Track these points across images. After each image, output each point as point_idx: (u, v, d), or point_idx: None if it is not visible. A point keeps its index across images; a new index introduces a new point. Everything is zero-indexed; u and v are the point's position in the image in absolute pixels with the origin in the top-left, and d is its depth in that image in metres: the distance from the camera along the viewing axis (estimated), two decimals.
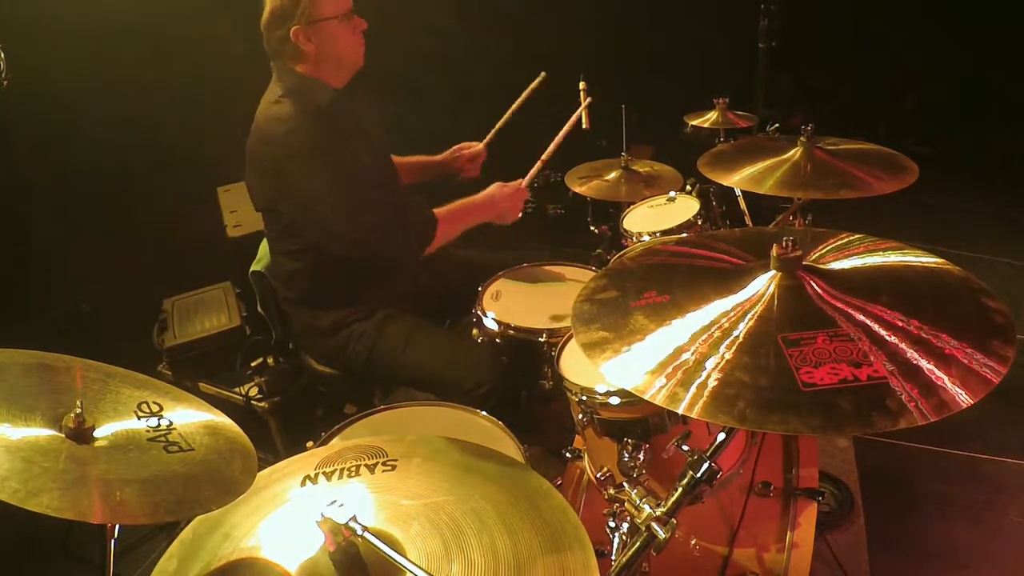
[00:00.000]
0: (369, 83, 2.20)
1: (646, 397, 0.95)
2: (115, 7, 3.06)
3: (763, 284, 1.08)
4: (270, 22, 2.01)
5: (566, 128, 2.51)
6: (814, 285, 1.06)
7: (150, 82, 3.16)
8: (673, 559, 1.59)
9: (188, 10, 3.23)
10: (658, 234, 2.34)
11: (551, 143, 2.46)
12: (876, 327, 0.97)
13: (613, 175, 2.69)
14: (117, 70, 3.05)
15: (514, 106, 2.69)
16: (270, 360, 2.67)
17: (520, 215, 2.32)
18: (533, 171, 2.40)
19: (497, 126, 2.69)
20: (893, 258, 1.17)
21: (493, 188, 2.29)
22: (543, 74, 2.66)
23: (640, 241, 2.35)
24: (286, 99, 2.01)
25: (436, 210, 2.15)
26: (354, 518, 0.94)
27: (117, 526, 1.07)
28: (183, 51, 3.22)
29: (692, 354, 0.98)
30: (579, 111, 2.55)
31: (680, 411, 0.91)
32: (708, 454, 1.14)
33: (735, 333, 1.00)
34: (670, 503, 1.12)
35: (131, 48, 3.10)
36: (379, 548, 0.94)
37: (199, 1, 3.26)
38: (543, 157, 2.42)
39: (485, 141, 2.67)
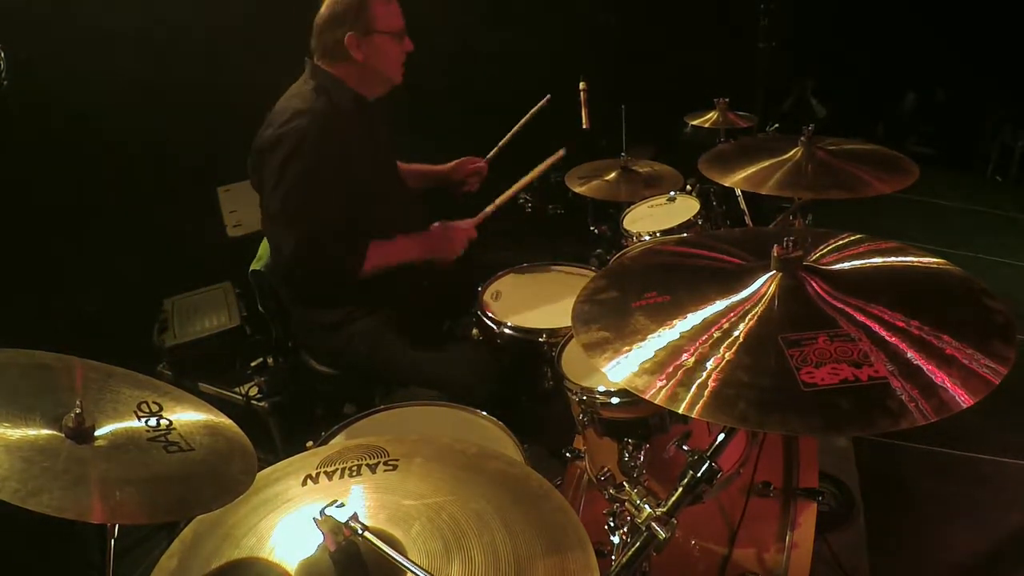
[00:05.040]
0: None
1: (646, 397, 0.95)
2: (116, 9, 3.06)
3: (763, 284, 1.08)
4: (328, 22, 2.06)
5: (532, 174, 2.46)
6: (815, 285, 1.06)
7: (151, 82, 3.16)
8: (673, 559, 1.59)
9: (190, 12, 3.23)
10: (658, 234, 2.34)
11: (515, 183, 2.42)
12: (877, 327, 0.97)
13: (613, 175, 2.69)
14: (117, 70, 3.05)
15: (517, 126, 2.67)
16: (270, 360, 2.67)
17: (460, 253, 2.26)
18: (485, 212, 2.36)
19: (500, 144, 2.68)
20: (893, 258, 1.17)
21: (436, 225, 2.27)
22: (547, 96, 2.65)
23: (640, 241, 2.35)
24: (313, 94, 2.04)
25: (374, 242, 2.10)
26: (354, 517, 0.94)
27: (117, 526, 1.07)
28: (184, 52, 3.22)
29: (693, 354, 0.98)
30: (549, 161, 2.50)
31: (680, 411, 0.91)
32: (708, 454, 1.14)
33: (735, 333, 1.00)
34: (670, 503, 1.12)
35: (132, 49, 3.10)
36: (380, 548, 0.94)
37: (201, 3, 3.26)
38: (497, 201, 2.38)
39: (487, 158, 2.66)
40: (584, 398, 1.52)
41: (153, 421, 1.12)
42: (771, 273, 1.09)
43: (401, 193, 2.36)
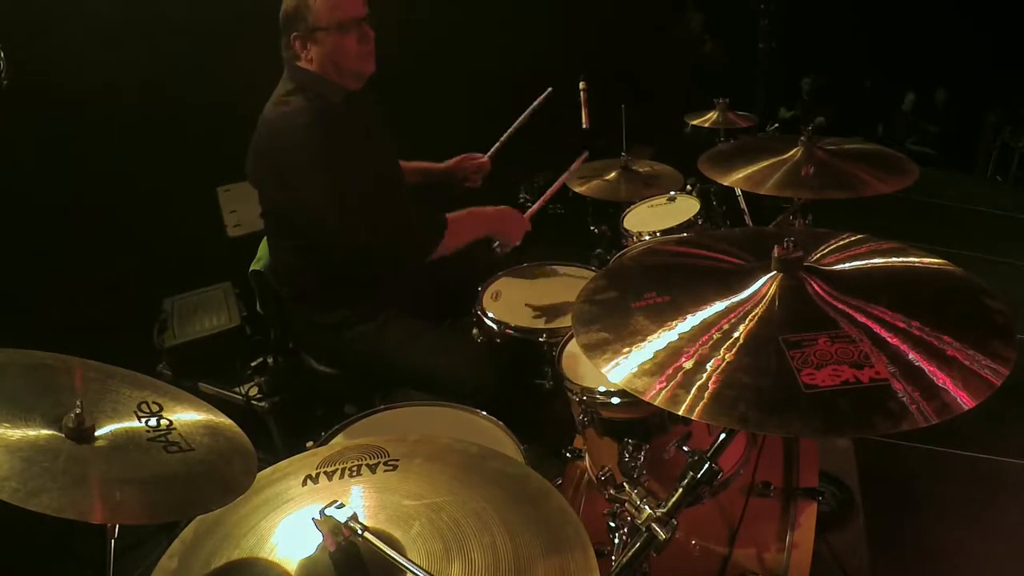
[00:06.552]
0: (370, 84, 2.20)
1: (646, 399, 0.94)
2: (115, 7, 3.06)
3: (764, 285, 1.07)
4: (281, 24, 2.04)
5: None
6: (815, 286, 1.06)
7: (151, 82, 3.16)
8: (673, 559, 1.58)
9: (189, 10, 3.23)
10: (658, 234, 2.34)
11: (555, 181, 2.49)
12: (877, 328, 0.97)
13: (613, 175, 2.68)
14: (117, 70, 3.05)
15: (518, 121, 2.68)
16: (270, 360, 2.67)
17: (519, 243, 2.32)
18: (536, 206, 2.41)
19: (501, 140, 2.69)
20: (894, 259, 1.17)
21: (507, 208, 2.30)
22: (549, 90, 2.66)
23: (640, 241, 2.35)
24: (295, 96, 2.01)
25: (448, 215, 2.14)
26: (354, 518, 0.94)
27: (117, 526, 1.07)
28: (184, 51, 3.22)
29: (693, 355, 0.98)
30: (576, 164, 2.57)
31: (680, 413, 0.91)
32: (709, 455, 1.14)
33: (735, 334, 1.00)
34: (670, 504, 1.12)
35: (132, 49, 3.10)
36: (379, 548, 0.94)
37: (201, 2, 3.26)
38: (545, 196, 2.45)
39: (489, 154, 2.66)
40: (584, 398, 1.52)
41: (153, 421, 1.12)
42: (771, 274, 1.08)
43: (403, 190, 2.36)
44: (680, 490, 1.13)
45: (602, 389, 1.50)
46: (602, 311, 1.14)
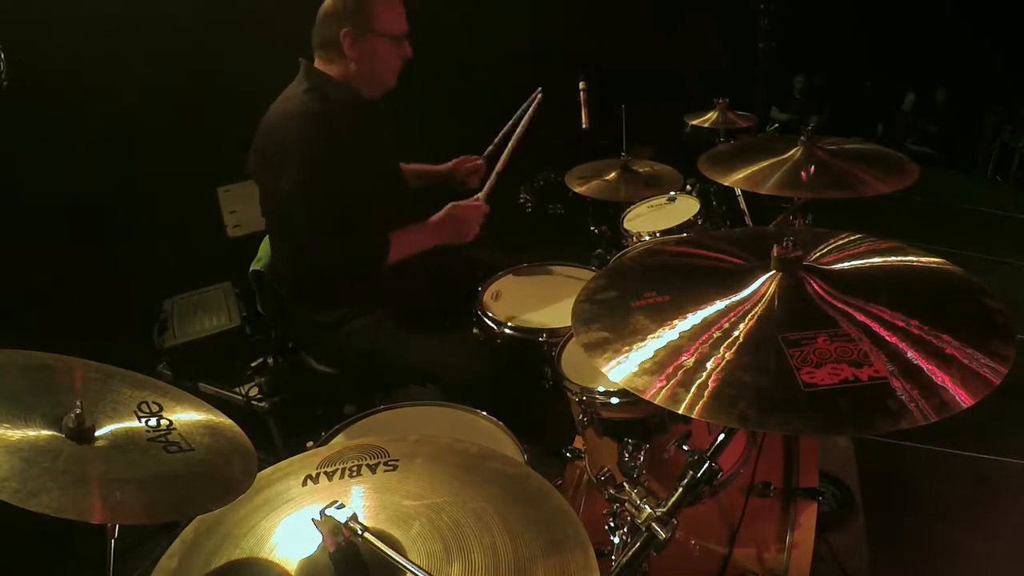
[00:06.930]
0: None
1: (646, 397, 0.94)
2: (115, 7, 3.06)
3: (763, 284, 1.08)
4: (327, 15, 2.05)
5: (518, 133, 2.47)
6: (814, 285, 1.06)
7: (150, 82, 3.16)
8: (673, 559, 1.59)
9: (189, 11, 3.23)
10: (658, 234, 2.34)
11: (504, 150, 2.43)
12: (876, 327, 0.97)
13: (613, 175, 2.69)
14: (117, 70, 3.05)
15: (510, 123, 2.66)
16: (270, 360, 2.67)
17: (478, 231, 2.23)
18: (489, 183, 2.34)
19: (495, 141, 2.67)
20: (893, 258, 1.17)
21: (448, 208, 2.23)
22: (539, 89, 2.60)
23: (640, 241, 2.35)
24: (306, 96, 2.03)
25: (391, 233, 2.09)
26: (354, 518, 0.94)
27: (117, 526, 1.07)
28: (184, 51, 3.22)
29: (693, 354, 0.98)
30: (528, 110, 2.50)
31: (680, 412, 0.91)
32: (708, 454, 1.14)
33: (735, 333, 1.00)
34: (670, 503, 1.12)
35: (132, 48, 3.10)
36: (379, 548, 0.94)
37: (201, 2, 3.26)
38: (497, 168, 2.37)
39: (484, 155, 2.66)
40: (584, 398, 1.52)
41: (153, 421, 1.12)
42: (771, 273, 1.08)
43: (402, 194, 2.36)
44: (680, 489, 1.13)
45: (602, 389, 1.50)
46: (602, 310, 1.14)
